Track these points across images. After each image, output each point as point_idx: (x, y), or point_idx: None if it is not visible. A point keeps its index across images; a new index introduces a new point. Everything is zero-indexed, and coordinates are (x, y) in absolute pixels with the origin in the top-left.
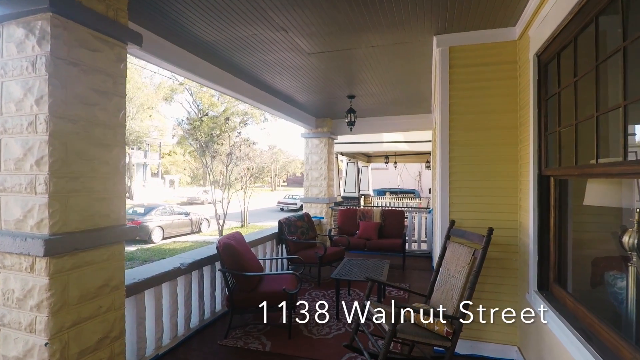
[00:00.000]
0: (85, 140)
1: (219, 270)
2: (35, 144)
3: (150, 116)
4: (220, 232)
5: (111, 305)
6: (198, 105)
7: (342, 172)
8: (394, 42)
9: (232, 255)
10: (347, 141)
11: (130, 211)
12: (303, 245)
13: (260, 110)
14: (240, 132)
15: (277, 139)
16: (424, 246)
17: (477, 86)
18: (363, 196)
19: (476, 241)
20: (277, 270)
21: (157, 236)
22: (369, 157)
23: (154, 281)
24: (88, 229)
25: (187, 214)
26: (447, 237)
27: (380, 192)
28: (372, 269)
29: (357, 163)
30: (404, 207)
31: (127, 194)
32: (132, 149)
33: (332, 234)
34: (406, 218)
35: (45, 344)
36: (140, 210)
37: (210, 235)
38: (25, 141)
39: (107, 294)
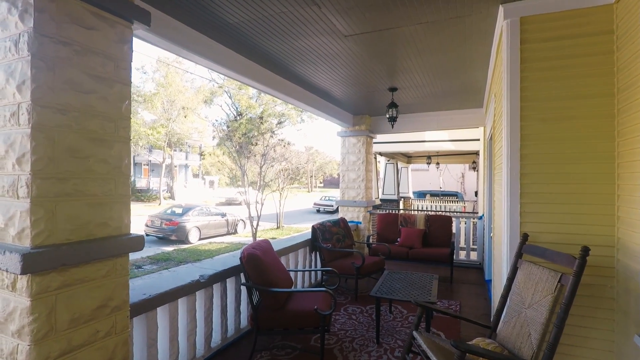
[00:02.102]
0: (78, 134)
1: (242, 284)
2: (17, 139)
3: (185, 116)
4: (254, 235)
5: (111, 329)
6: (236, 108)
7: (380, 173)
8: (449, 17)
9: (257, 267)
10: (386, 140)
11: (168, 211)
12: (339, 254)
13: (292, 105)
14: (274, 133)
15: (315, 139)
16: (473, 255)
17: (556, 65)
18: (402, 199)
19: (563, 263)
20: (310, 280)
21: (193, 237)
22: (409, 158)
23: (169, 296)
24: (81, 240)
25: (223, 215)
26: (519, 255)
27: (420, 195)
28: (419, 286)
29: (397, 164)
30: (451, 212)
31: (169, 194)
32: (175, 150)
33: (371, 241)
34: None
35: None
36: (179, 210)
37: (245, 236)
38: (8, 135)
39: (106, 316)
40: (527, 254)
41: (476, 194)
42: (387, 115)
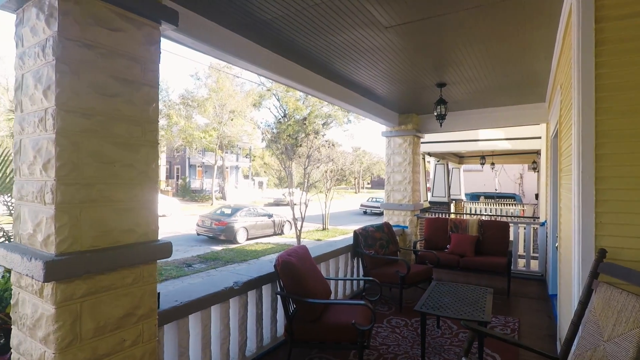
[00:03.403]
0: (104, 139)
1: (277, 293)
2: (44, 145)
3: (231, 119)
4: (298, 237)
5: (138, 337)
6: (284, 110)
7: (429, 175)
8: None
9: (292, 275)
10: (436, 140)
11: (218, 212)
12: (382, 261)
13: (334, 105)
14: (318, 134)
15: (362, 140)
16: (534, 265)
17: None
18: (454, 201)
19: None
20: (351, 288)
21: (241, 237)
22: (460, 158)
23: (201, 304)
24: (106, 247)
25: (270, 216)
26: (594, 275)
27: (474, 197)
28: (470, 301)
29: (447, 164)
30: (507, 216)
31: (221, 195)
32: (226, 152)
33: (417, 247)
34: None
35: None
36: (227, 211)
37: (291, 237)
38: (36, 141)
39: (133, 324)
40: (605, 274)
41: (537, 196)
42: (435, 113)
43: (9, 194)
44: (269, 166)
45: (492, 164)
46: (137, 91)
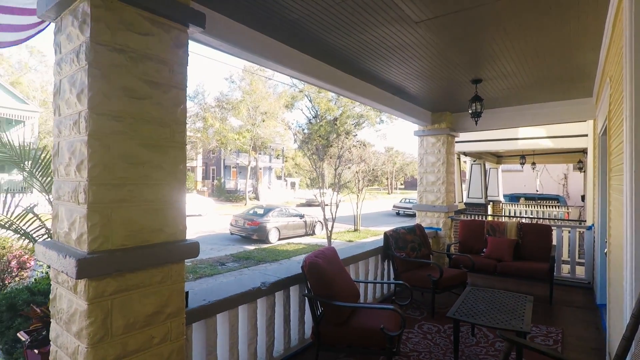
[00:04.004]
0: (134, 140)
1: (303, 295)
2: (77, 146)
3: (263, 121)
4: (329, 237)
5: (166, 335)
6: (316, 111)
7: (465, 175)
8: None
9: (319, 277)
10: (471, 139)
11: (251, 212)
12: (413, 264)
13: (365, 105)
14: (349, 134)
15: (395, 140)
16: (579, 271)
17: None
18: (491, 202)
19: None
20: (381, 291)
21: (273, 237)
22: (498, 158)
23: (229, 303)
24: (135, 246)
25: (301, 216)
26: None
27: (513, 198)
28: (508, 309)
29: (484, 164)
30: (550, 219)
31: (254, 195)
32: (259, 153)
33: (451, 251)
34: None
35: None
36: (260, 211)
37: (322, 238)
38: (71, 143)
39: (162, 322)
40: None
41: (583, 198)
42: (470, 111)
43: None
44: (300, 167)
45: (533, 163)
46: (165, 93)
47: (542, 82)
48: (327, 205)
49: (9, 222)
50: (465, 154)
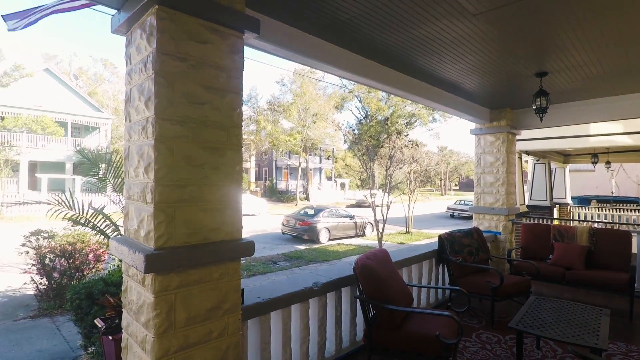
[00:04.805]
0: (194, 143)
1: (355, 297)
2: (145, 150)
3: (314, 122)
4: (379, 239)
5: (223, 330)
6: (366, 111)
7: (527, 176)
8: None
9: (372, 280)
10: (534, 137)
11: (302, 212)
12: (470, 269)
13: (418, 103)
14: (400, 134)
15: (449, 139)
16: None
17: None
18: (557, 205)
19: None
20: (436, 296)
21: (323, 237)
22: (566, 157)
23: (282, 302)
24: (196, 244)
25: (351, 217)
26: None
27: (583, 201)
28: (579, 322)
29: (549, 164)
30: (628, 224)
31: (304, 196)
32: (310, 154)
33: (512, 256)
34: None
35: None
36: (311, 211)
37: (372, 239)
38: (140, 147)
39: (219, 317)
40: None
41: None
42: (534, 107)
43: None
44: (350, 167)
45: (608, 162)
46: (223, 98)
47: (619, 72)
48: (377, 206)
49: (87, 220)
50: (527, 152)
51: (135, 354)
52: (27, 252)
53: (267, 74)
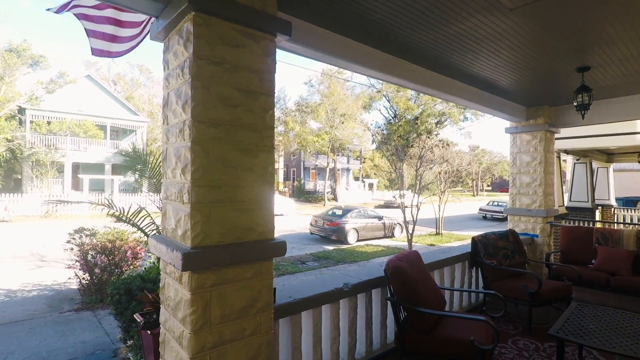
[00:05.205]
0: (228, 145)
1: (386, 298)
2: (182, 152)
3: (342, 122)
4: (409, 240)
5: (257, 328)
6: (395, 110)
7: (565, 176)
8: None
9: (403, 281)
10: (574, 135)
11: (330, 212)
12: (506, 273)
13: (449, 102)
14: (430, 133)
15: (481, 138)
16: None
17: None
18: (600, 207)
19: None
20: (469, 300)
21: (352, 238)
22: (609, 155)
23: (312, 302)
24: (230, 243)
25: (380, 218)
26: None
27: (628, 202)
28: (628, 333)
29: (590, 163)
30: None
31: (332, 196)
32: (337, 155)
33: (551, 260)
34: None
35: None
36: (339, 212)
37: (402, 241)
38: (177, 149)
39: (252, 315)
40: None
41: None
42: (576, 103)
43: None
44: (379, 168)
45: None
46: (255, 100)
47: None
48: (407, 207)
49: (127, 219)
50: (566, 151)
51: (173, 349)
52: (72, 249)
53: (295, 75)
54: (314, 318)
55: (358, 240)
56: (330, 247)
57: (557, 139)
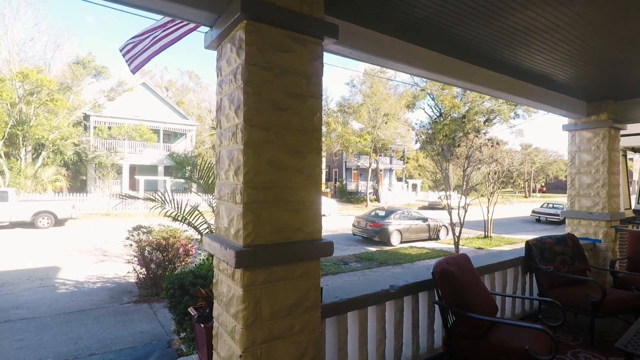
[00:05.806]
0: (278, 147)
1: (434, 302)
2: (235, 154)
3: (385, 122)
4: (456, 244)
5: (304, 326)
6: (439, 109)
7: (633, 176)
8: None
9: (451, 285)
10: None
11: (372, 214)
12: (564, 280)
13: (499, 99)
14: (479, 132)
15: (534, 136)
16: None
17: None
18: None
19: None
20: (522, 307)
21: (395, 239)
22: None
23: (358, 303)
24: (279, 243)
25: (424, 220)
26: None
27: None
28: None
29: None
30: None
31: (375, 197)
32: (380, 155)
33: (616, 268)
34: None
35: (240, 356)
36: (382, 213)
37: (447, 244)
38: (230, 152)
39: (300, 314)
40: None
41: None
42: None
43: (211, 194)
44: (423, 168)
45: None
46: (304, 103)
47: None
48: (453, 208)
49: (183, 217)
50: (634, 149)
51: (225, 342)
52: (131, 245)
53: (337, 76)
54: (360, 318)
55: (401, 242)
56: (373, 249)
57: (622, 135)
